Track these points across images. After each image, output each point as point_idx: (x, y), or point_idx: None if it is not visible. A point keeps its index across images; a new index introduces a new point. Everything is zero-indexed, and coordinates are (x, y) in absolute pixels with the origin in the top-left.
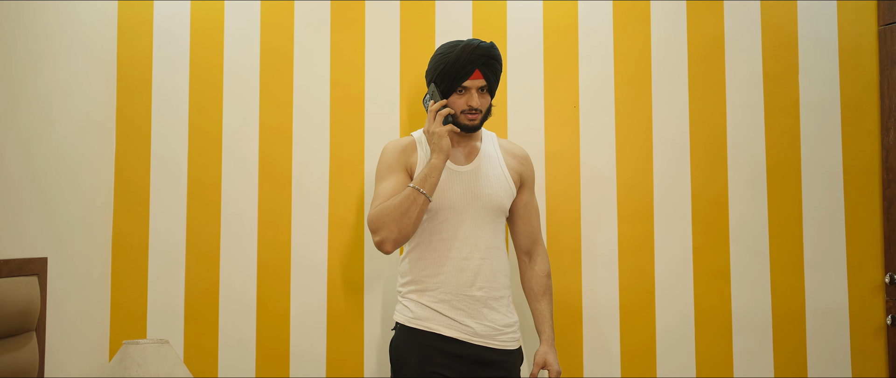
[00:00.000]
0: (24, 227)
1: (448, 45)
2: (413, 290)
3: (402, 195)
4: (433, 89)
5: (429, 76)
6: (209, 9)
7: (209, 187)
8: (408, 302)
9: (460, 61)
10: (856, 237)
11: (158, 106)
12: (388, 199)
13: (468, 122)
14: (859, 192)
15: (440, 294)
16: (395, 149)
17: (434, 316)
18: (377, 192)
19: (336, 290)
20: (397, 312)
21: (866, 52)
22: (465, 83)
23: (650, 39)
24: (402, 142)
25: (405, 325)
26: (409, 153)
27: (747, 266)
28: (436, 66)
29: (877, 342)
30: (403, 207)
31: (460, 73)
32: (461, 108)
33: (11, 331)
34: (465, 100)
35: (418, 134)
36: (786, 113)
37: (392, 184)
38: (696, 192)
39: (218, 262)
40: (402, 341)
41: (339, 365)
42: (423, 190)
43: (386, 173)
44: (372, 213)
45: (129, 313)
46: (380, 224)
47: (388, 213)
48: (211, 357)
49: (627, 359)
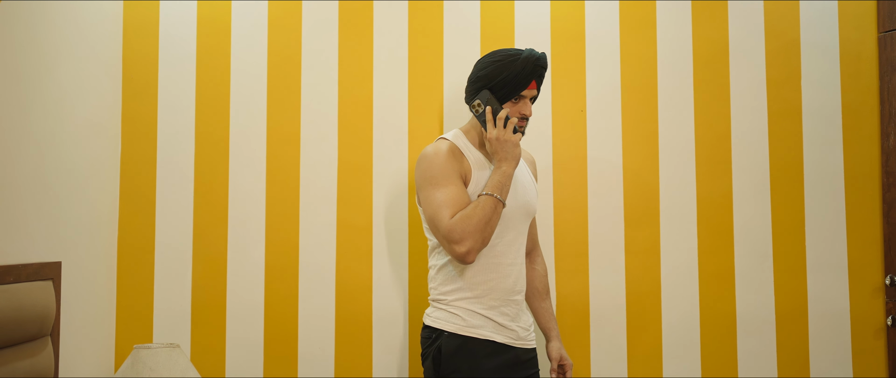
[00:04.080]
0: (37, 231)
1: (508, 54)
2: (463, 297)
3: (482, 205)
4: (488, 96)
5: (483, 82)
6: (216, 10)
7: (216, 190)
8: (456, 309)
9: (524, 71)
10: (857, 240)
11: (165, 108)
12: (453, 206)
13: (518, 130)
14: (860, 195)
15: (490, 301)
16: (446, 155)
17: (486, 323)
18: (438, 201)
19: (344, 293)
20: (441, 320)
21: (867, 58)
22: (523, 92)
23: (656, 44)
24: (445, 147)
25: (456, 333)
26: (459, 159)
27: (751, 268)
28: (495, 73)
29: (877, 342)
30: (486, 217)
31: (521, 82)
32: (513, 116)
33: (30, 336)
34: (519, 108)
35: (453, 137)
36: (788, 117)
37: (454, 192)
38: (702, 195)
39: (225, 264)
40: (453, 349)
41: (347, 368)
42: (501, 198)
43: (442, 181)
44: (452, 225)
45: (136, 317)
46: (465, 234)
47: (472, 224)
48: (218, 360)
49: (634, 359)
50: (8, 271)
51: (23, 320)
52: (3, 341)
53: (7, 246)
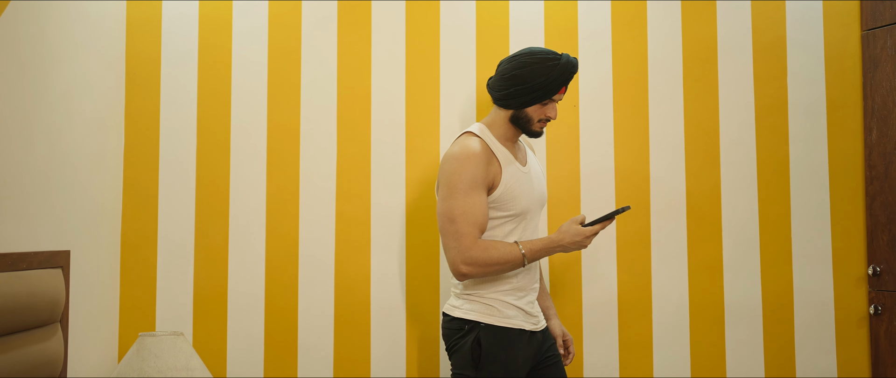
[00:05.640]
0: (45, 221)
1: (548, 57)
2: (498, 289)
3: (508, 255)
4: (622, 210)
5: (519, 81)
6: (217, 8)
7: (217, 183)
8: (491, 301)
9: (562, 77)
10: (841, 231)
11: (167, 103)
12: (475, 223)
13: (541, 130)
14: (844, 188)
15: (520, 292)
16: (477, 161)
17: (518, 313)
18: (460, 210)
19: (343, 284)
20: (476, 312)
21: (850, 56)
22: (554, 96)
23: (647, 41)
24: (478, 149)
25: (495, 324)
26: (489, 160)
27: (739, 259)
28: (533, 74)
29: (860, 331)
30: (504, 267)
31: (556, 87)
32: (539, 117)
33: (41, 321)
34: (545, 111)
35: (480, 132)
36: (775, 113)
37: (477, 205)
38: (691, 189)
39: (226, 256)
40: (492, 341)
41: (346, 358)
42: (527, 262)
43: (468, 189)
44: (470, 249)
45: (140, 307)
46: (476, 265)
47: (490, 264)
48: (220, 349)
49: (625, 349)
50: (21, 258)
51: (35, 306)
52: (18, 325)
53: (18, 235)
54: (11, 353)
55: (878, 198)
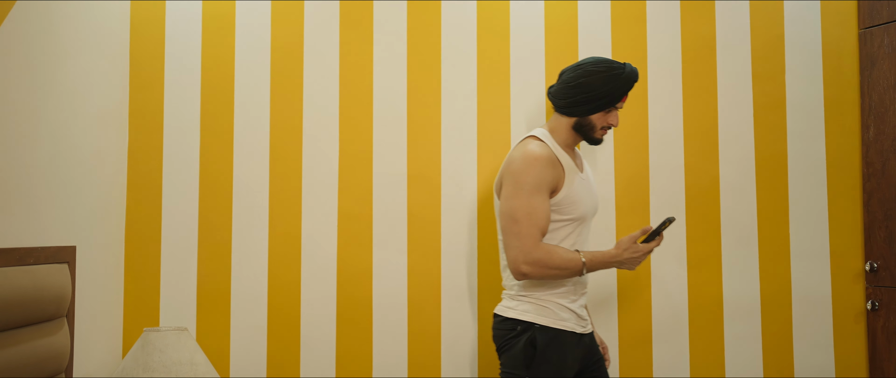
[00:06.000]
0: (51, 216)
1: (613, 67)
2: (554, 292)
3: (568, 262)
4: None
5: (584, 89)
6: (220, 8)
7: (221, 180)
8: (547, 303)
9: (626, 87)
10: (838, 228)
11: (171, 101)
12: (538, 225)
13: (601, 137)
14: (841, 185)
15: (574, 295)
16: (545, 164)
17: (571, 316)
18: (525, 211)
19: (345, 280)
20: (531, 313)
21: (848, 54)
22: (617, 104)
23: (646, 40)
24: (546, 153)
25: (549, 326)
26: (555, 166)
27: (737, 255)
28: (600, 83)
29: (858, 326)
30: (563, 273)
31: (619, 96)
32: (601, 125)
33: (48, 316)
34: (608, 119)
35: (545, 138)
36: (773, 110)
37: (541, 207)
38: (690, 185)
39: (230, 252)
40: (546, 342)
41: (348, 354)
42: (585, 270)
43: (534, 191)
44: (534, 250)
45: (143, 303)
46: (536, 267)
47: (551, 267)
48: (223, 346)
49: (624, 345)
50: (29, 253)
51: (43, 300)
52: (26, 319)
53: (26, 230)
54: (20, 347)
55: (875, 194)
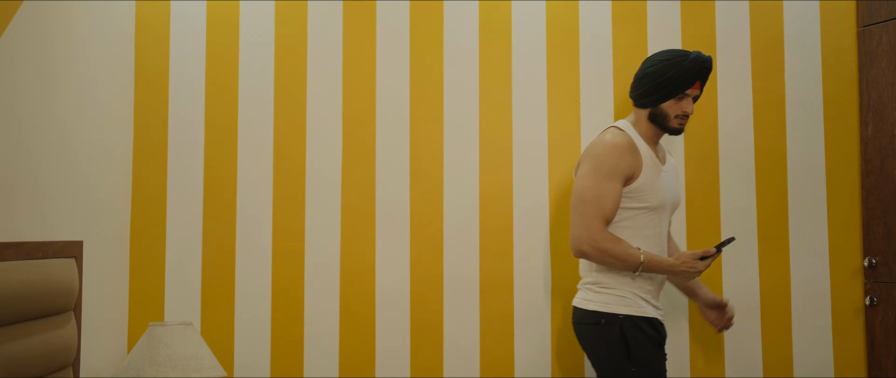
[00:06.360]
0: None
1: (677, 54)
2: (635, 283)
3: (627, 256)
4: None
5: (650, 80)
6: (225, 7)
7: (225, 177)
8: (624, 293)
9: (693, 71)
10: (837, 224)
11: (175, 99)
12: (606, 208)
13: (678, 126)
14: (840, 182)
15: (650, 285)
16: (623, 151)
17: (647, 304)
18: (595, 193)
19: (348, 275)
20: (608, 304)
21: (846, 52)
22: (687, 91)
23: (647, 38)
24: (626, 142)
25: (631, 314)
26: (634, 155)
27: (737, 251)
28: (663, 71)
29: (856, 322)
30: (618, 265)
31: (686, 81)
32: (675, 113)
33: (56, 309)
34: (681, 106)
35: (627, 129)
36: (772, 108)
37: (612, 192)
38: (690, 182)
39: (234, 249)
40: (632, 329)
41: (351, 349)
42: (641, 270)
43: (609, 175)
44: (598, 233)
45: (148, 298)
46: (598, 254)
47: (610, 255)
48: (227, 340)
49: None
50: (37, 247)
51: (52, 293)
52: (36, 312)
53: (34, 225)
54: (31, 339)
55: (874, 191)
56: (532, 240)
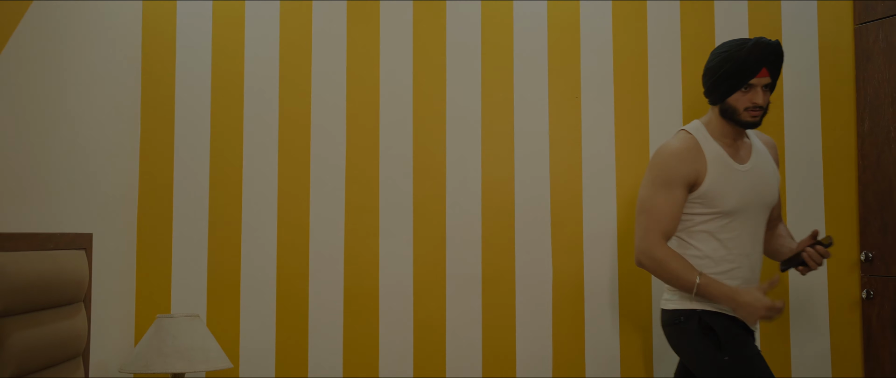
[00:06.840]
0: (68, 204)
1: (735, 43)
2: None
3: (682, 273)
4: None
5: (711, 74)
6: (230, 6)
7: (230, 172)
8: None
9: (751, 59)
10: (834, 218)
11: (181, 96)
12: (666, 221)
13: (751, 119)
14: (837, 177)
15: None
16: (682, 158)
17: None
18: (654, 203)
19: (352, 269)
20: (687, 301)
21: (844, 49)
22: (752, 81)
23: (647, 37)
24: (685, 147)
25: (709, 309)
26: (695, 158)
27: None
28: (721, 64)
29: (853, 315)
30: (672, 282)
31: (748, 70)
32: (744, 106)
33: (67, 300)
34: (750, 97)
35: (694, 130)
36: (771, 105)
37: (673, 202)
38: None
39: (239, 242)
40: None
41: (355, 341)
42: (697, 291)
43: (666, 184)
44: (657, 247)
45: (155, 290)
46: (654, 265)
47: (665, 271)
48: (233, 332)
49: (625, 333)
50: (48, 239)
51: (63, 284)
52: (48, 302)
53: (45, 216)
54: (43, 328)
55: (871, 186)
56: (534, 235)
